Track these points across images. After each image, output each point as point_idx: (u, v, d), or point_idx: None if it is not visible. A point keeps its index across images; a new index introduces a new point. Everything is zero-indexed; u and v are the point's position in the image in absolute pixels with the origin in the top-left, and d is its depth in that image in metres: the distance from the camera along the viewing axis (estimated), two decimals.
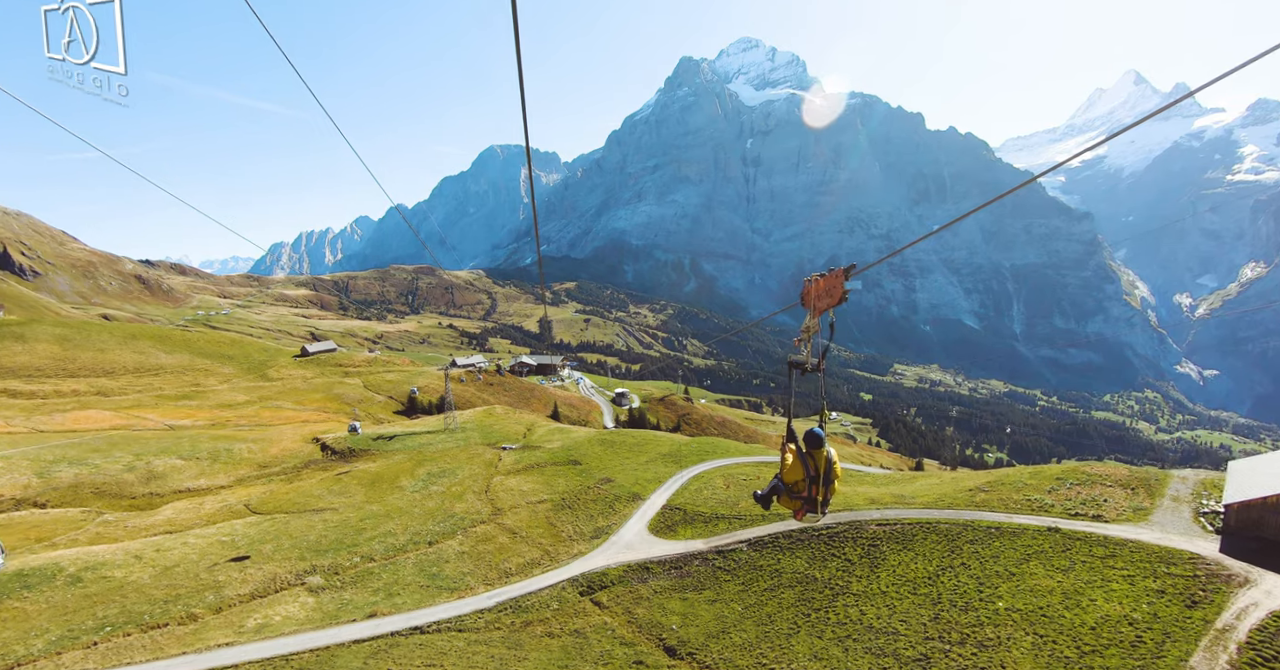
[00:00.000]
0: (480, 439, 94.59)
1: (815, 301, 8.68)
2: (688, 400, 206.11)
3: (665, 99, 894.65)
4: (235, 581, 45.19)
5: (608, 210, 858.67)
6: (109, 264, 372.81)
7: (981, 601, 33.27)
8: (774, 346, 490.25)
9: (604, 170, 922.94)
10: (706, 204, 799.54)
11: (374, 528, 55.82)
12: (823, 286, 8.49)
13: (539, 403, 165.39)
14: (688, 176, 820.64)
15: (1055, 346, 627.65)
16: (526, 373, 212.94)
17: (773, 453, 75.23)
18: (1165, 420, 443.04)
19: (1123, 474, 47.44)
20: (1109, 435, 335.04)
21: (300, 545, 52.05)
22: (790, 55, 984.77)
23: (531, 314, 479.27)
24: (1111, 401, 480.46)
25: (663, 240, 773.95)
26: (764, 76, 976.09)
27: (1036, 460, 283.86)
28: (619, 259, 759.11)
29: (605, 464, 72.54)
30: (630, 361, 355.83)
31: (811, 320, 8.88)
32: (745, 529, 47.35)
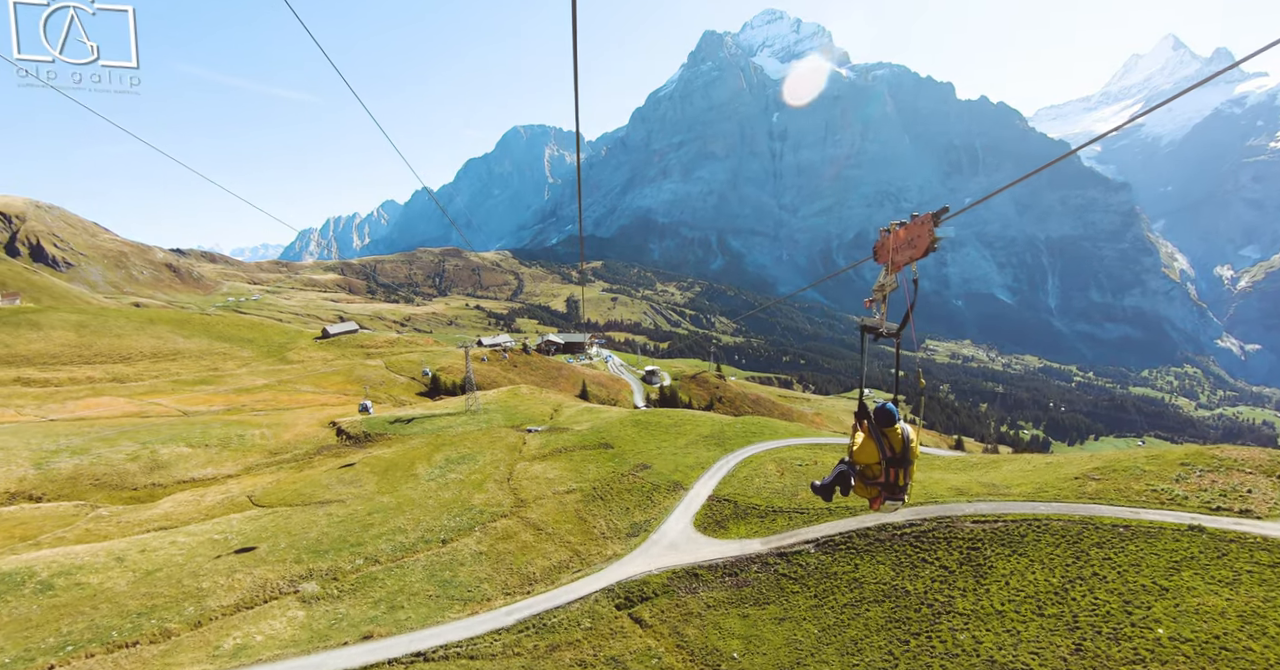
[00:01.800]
0: (503, 421, 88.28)
1: (894, 254, 7.55)
2: (720, 378, 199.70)
3: (689, 74, 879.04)
4: (220, 589, 39.22)
5: (633, 188, 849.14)
6: (140, 254, 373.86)
7: (1134, 628, 25.99)
8: (803, 323, 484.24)
9: (628, 148, 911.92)
10: (732, 180, 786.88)
11: (382, 523, 49.65)
12: (904, 237, 7.39)
13: (566, 382, 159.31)
14: (713, 152, 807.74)
15: (1091, 321, 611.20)
16: (554, 351, 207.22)
17: (826, 433, 67.97)
18: (1205, 396, 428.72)
19: (1263, 459, 39.71)
20: (1148, 411, 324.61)
21: (299, 544, 46.05)
22: (816, 26, 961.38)
23: (558, 294, 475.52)
24: (1150, 377, 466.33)
25: (689, 217, 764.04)
26: (789, 49, 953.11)
27: (1074, 438, 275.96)
28: (645, 237, 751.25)
29: (640, 447, 65.76)
30: (658, 339, 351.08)
31: (888, 277, 7.73)
32: (809, 525, 40.30)
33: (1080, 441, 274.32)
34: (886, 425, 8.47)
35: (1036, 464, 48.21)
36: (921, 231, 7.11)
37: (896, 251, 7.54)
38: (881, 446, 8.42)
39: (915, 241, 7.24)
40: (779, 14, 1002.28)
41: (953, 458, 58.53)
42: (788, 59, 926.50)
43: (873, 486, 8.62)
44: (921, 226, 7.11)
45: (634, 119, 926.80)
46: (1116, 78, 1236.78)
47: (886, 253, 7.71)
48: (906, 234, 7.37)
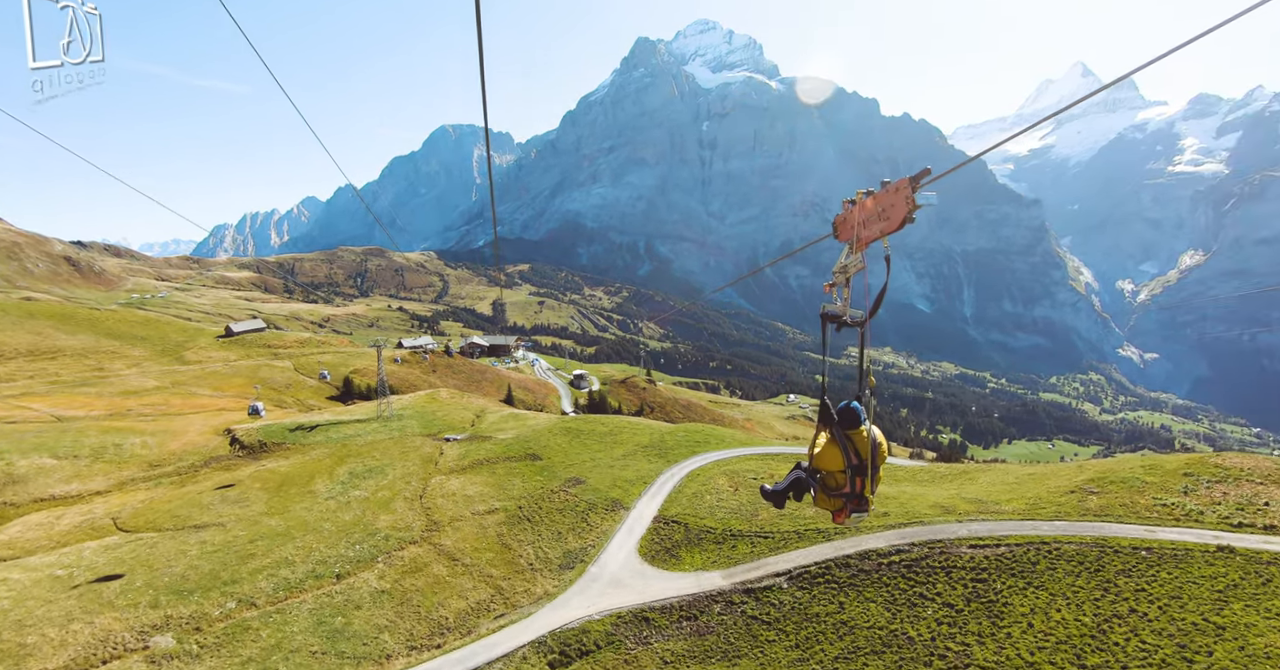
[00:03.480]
0: (419, 428, 79.50)
1: (860, 229, 6.63)
2: (651, 382, 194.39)
3: (621, 80, 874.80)
4: (49, 646, 30.40)
5: (562, 192, 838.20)
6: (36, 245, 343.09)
7: None
8: (730, 329, 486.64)
9: (559, 151, 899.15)
10: (662, 186, 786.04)
11: (266, 553, 41.20)
12: (872, 208, 6.43)
13: (491, 386, 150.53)
14: (643, 158, 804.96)
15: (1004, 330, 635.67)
16: (478, 354, 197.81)
17: (777, 442, 62.57)
18: (1109, 401, 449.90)
19: (1270, 468, 36.40)
20: (1057, 416, 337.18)
21: (159, 582, 37.29)
22: (747, 38, 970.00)
23: (484, 297, 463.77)
24: (1058, 383, 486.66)
25: (618, 222, 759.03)
26: (720, 59, 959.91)
27: (989, 441, 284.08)
28: (573, 241, 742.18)
29: (572, 459, 58.82)
30: (585, 344, 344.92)
31: (852, 255, 6.88)
32: (776, 553, 34.32)
33: (995, 445, 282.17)
34: (851, 427, 7.45)
35: (1018, 475, 43.76)
36: (896, 199, 6.07)
37: (864, 225, 6.52)
38: (846, 451, 7.40)
39: (888, 212, 6.20)
40: (712, 24, 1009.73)
41: (916, 468, 53.84)
42: (719, 69, 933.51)
43: (836, 497, 7.56)
44: (896, 193, 6.06)
45: (565, 122, 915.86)
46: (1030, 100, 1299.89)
47: (851, 227, 6.71)
48: (876, 204, 6.33)
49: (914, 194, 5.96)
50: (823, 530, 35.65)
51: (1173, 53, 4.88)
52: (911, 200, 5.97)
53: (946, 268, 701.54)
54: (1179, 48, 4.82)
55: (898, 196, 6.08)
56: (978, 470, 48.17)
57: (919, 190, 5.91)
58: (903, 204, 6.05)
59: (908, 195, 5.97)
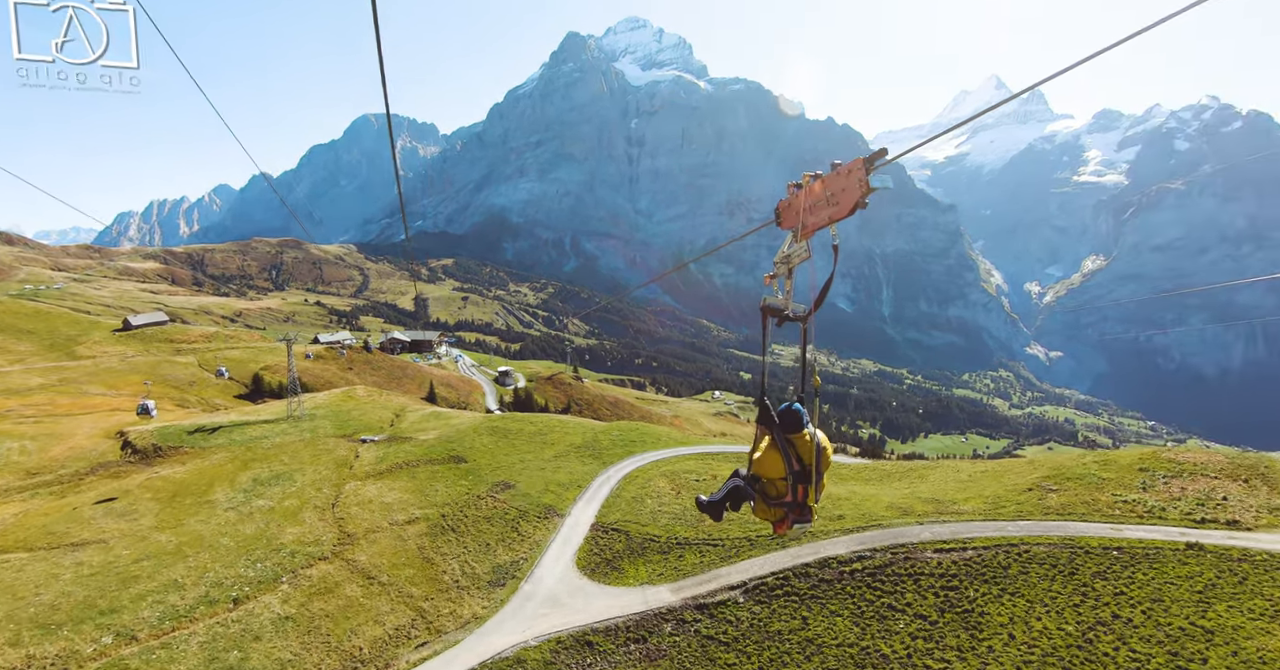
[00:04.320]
0: (333, 429, 73.51)
1: (806, 215, 6.09)
2: (578, 379, 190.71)
3: (550, 74, 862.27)
4: None
5: (488, 186, 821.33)
6: None
7: None
8: (655, 326, 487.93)
9: (485, 144, 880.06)
10: (589, 182, 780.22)
11: (153, 575, 35.83)
12: (820, 192, 5.90)
13: (412, 383, 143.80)
14: (571, 154, 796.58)
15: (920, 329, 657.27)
16: (399, 350, 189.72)
17: (717, 440, 60.09)
18: (1017, 397, 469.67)
19: (1221, 462, 36.00)
20: (970, 411, 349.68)
21: (23, 614, 31.66)
22: (677, 37, 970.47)
23: (407, 291, 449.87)
24: (970, 380, 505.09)
25: (544, 218, 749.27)
26: (650, 57, 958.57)
27: (906, 435, 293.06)
28: (499, 236, 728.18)
29: (499, 461, 54.72)
30: (510, 341, 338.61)
31: (796, 244, 6.33)
32: (728, 562, 31.46)
33: (912, 439, 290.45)
34: (793, 431, 6.79)
35: (969, 473, 42.33)
36: (848, 183, 5.60)
37: (810, 211, 6.01)
38: (788, 457, 6.76)
39: (838, 196, 5.74)
40: (642, 22, 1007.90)
41: (861, 465, 52.09)
42: (649, 67, 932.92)
43: (777, 507, 6.93)
44: (848, 176, 5.58)
45: (492, 115, 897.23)
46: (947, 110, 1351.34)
47: (795, 214, 6.18)
48: (825, 188, 5.85)
49: (868, 176, 5.36)
50: (776, 536, 33.12)
51: (1073, 68, 5.10)
52: (865, 183, 5.38)
53: (867, 268, 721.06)
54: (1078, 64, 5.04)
55: (850, 180, 5.50)
56: (926, 468, 46.73)
57: (874, 172, 5.33)
58: (855, 188, 5.47)
59: (861, 178, 5.40)
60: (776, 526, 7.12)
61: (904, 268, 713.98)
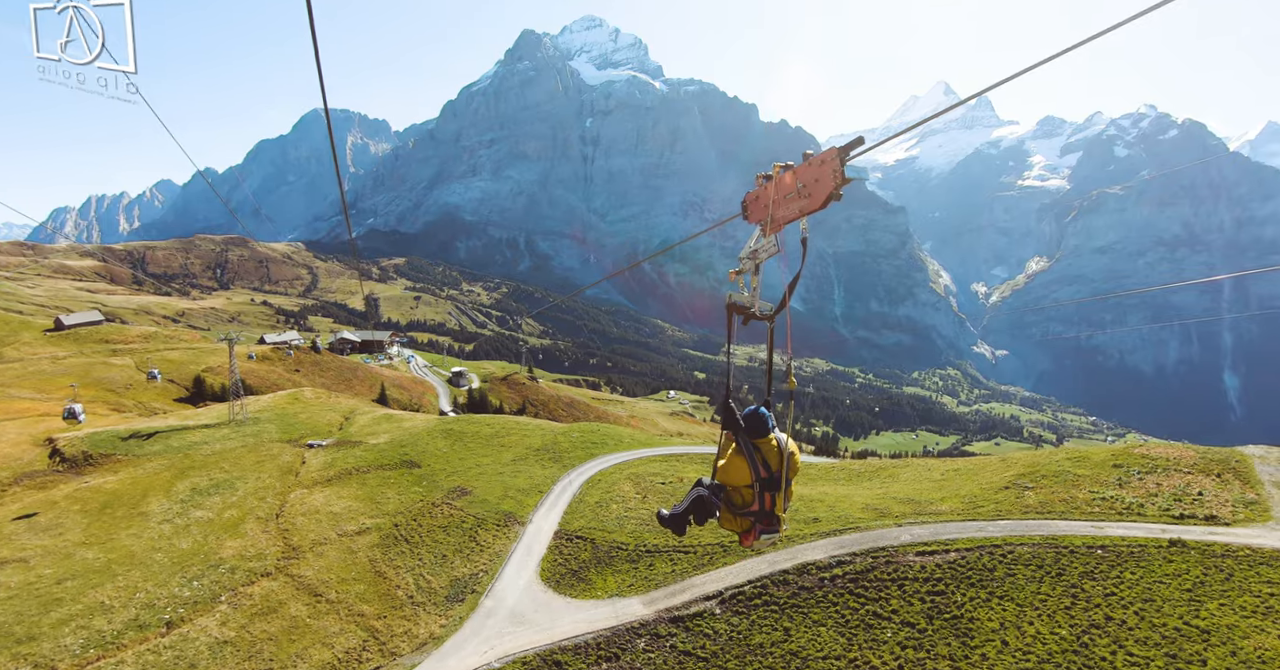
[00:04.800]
0: (278, 434, 69.79)
1: (776, 208, 5.71)
2: (533, 380, 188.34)
3: (505, 72, 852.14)
4: None
5: (441, 184, 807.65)
6: None
7: None
8: (609, 326, 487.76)
9: (438, 141, 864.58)
10: (543, 182, 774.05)
11: (77, 597, 32.67)
12: (791, 183, 5.52)
13: (362, 384, 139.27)
14: (525, 153, 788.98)
15: (871, 328, 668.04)
16: (349, 350, 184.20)
17: (678, 441, 58.62)
18: (965, 394, 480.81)
19: (1192, 457, 36.12)
20: (919, 408, 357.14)
21: None
22: (633, 37, 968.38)
23: (357, 291, 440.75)
24: (920, 378, 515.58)
25: (497, 217, 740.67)
26: (606, 57, 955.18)
27: (859, 433, 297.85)
28: (451, 235, 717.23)
29: (455, 465, 52.25)
30: (464, 341, 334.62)
31: (764, 239, 5.98)
32: (701, 571, 29.85)
33: (864, 436, 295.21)
34: (758, 436, 6.50)
35: (942, 471, 41.61)
36: (821, 173, 5.22)
37: (780, 204, 5.65)
38: (754, 463, 6.41)
39: (810, 188, 5.36)
40: (598, 21, 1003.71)
41: (829, 465, 51.13)
42: (604, 66, 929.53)
43: (743, 516, 6.54)
44: (821, 167, 5.20)
45: (445, 112, 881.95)
46: (897, 114, 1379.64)
47: (764, 207, 5.81)
48: (796, 179, 5.46)
49: (843, 167, 5.02)
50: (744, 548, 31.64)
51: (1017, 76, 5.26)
52: (840, 174, 5.04)
53: (819, 269, 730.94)
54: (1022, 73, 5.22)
55: (823, 170, 5.14)
56: (896, 467, 45.94)
57: (849, 162, 4.99)
58: (829, 178, 5.12)
59: (835, 168, 5.05)
60: (743, 538, 6.67)
61: (855, 268, 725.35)
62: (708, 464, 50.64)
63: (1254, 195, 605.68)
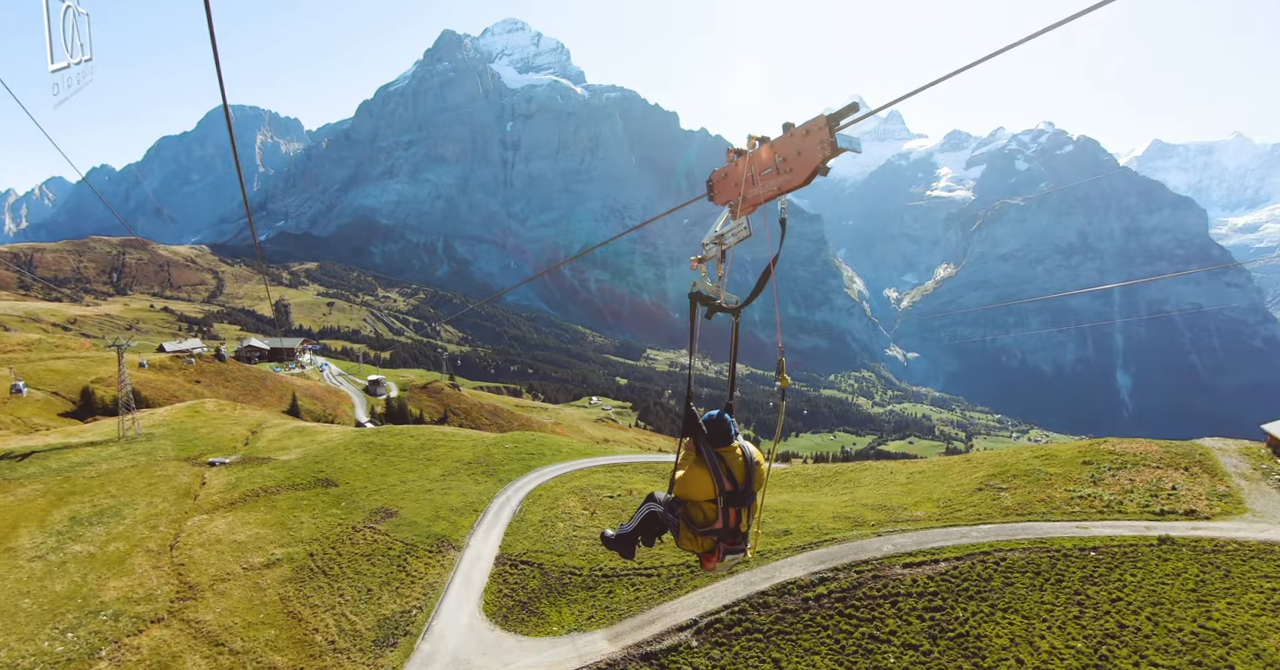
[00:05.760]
0: (175, 451, 62.74)
1: (748, 187, 5.04)
2: (454, 387, 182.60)
3: (423, 72, 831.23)
4: None
5: (356, 186, 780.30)
6: None
7: None
8: (530, 332, 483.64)
9: (353, 142, 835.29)
10: (462, 185, 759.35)
11: None
12: (768, 158, 4.80)
13: (271, 395, 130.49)
14: (444, 155, 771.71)
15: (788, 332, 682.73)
16: (257, 359, 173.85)
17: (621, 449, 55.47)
18: (879, 395, 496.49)
19: (1158, 452, 36.26)
20: (837, 410, 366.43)
21: None
22: (555, 42, 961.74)
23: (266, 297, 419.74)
24: (836, 380, 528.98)
25: (415, 221, 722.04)
26: (528, 60, 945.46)
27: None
28: (366, 239, 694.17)
29: (377, 483, 47.50)
30: (380, 348, 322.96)
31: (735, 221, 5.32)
32: (668, 598, 26.78)
33: (785, 438, 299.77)
34: (722, 444, 5.84)
35: (907, 474, 40.02)
36: (807, 145, 4.53)
37: (754, 182, 4.99)
38: (717, 475, 5.68)
39: (791, 163, 4.68)
40: (520, 24, 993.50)
41: (780, 471, 49.06)
42: (526, 70, 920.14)
43: (705, 535, 5.82)
44: (808, 137, 4.51)
45: (360, 112, 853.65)
46: None
47: (734, 186, 5.14)
48: (775, 153, 4.76)
49: (833, 136, 4.37)
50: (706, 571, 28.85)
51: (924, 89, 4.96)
52: (829, 145, 4.39)
53: (739, 275, 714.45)
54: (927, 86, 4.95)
55: (809, 141, 4.49)
56: (854, 471, 44.18)
57: (838, 130, 4.37)
58: (815, 151, 4.48)
59: (824, 139, 4.40)
60: (705, 559, 5.94)
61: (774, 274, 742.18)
62: (657, 473, 47.74)
63: (1141, 207, 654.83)
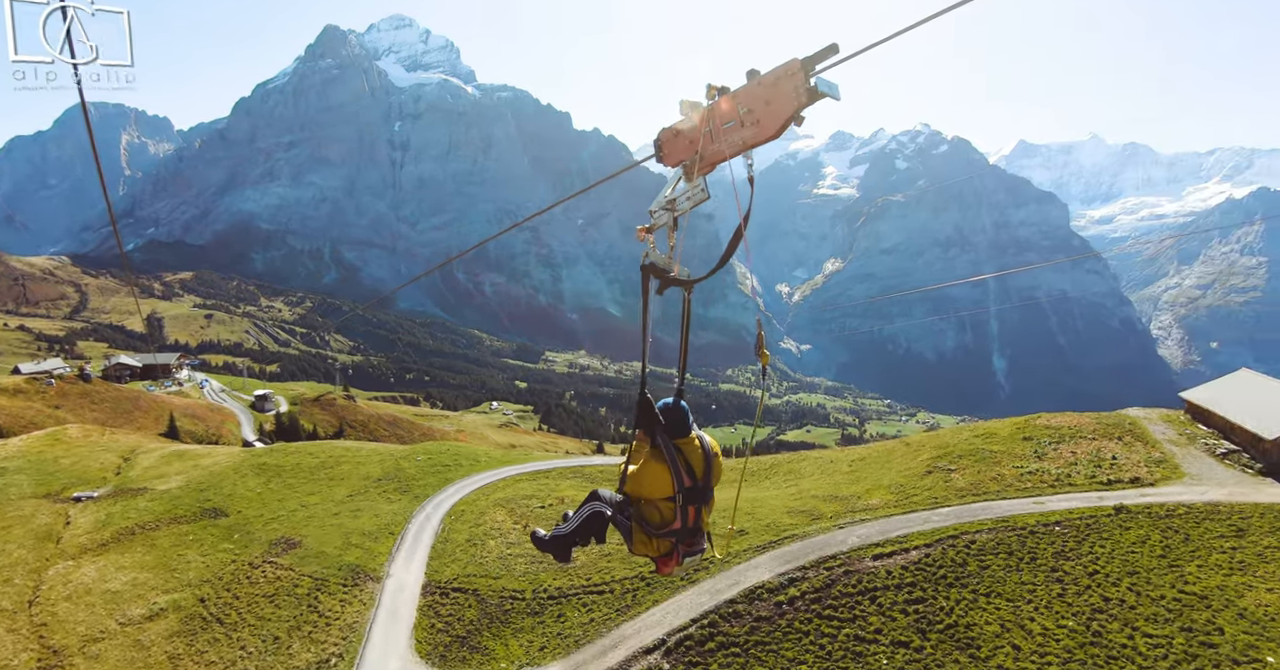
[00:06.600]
0: (31, 487, 54.34)
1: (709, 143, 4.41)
2: (349, 399, 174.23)
3: (305, 69, 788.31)
4: None
5: (233, 189, 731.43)
6: None
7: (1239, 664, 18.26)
8: (425, 339, 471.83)
9: (229, 142, 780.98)
10: (349, 188, 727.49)
11: None
12: (730, 110, 4.17)
13: (146, 417, 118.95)
14: (328, 157, 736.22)
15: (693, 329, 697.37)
16: (129, 377, 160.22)
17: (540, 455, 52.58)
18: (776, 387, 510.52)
19: (1090, 423, 38.30)
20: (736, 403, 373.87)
21: None
22: (444, 39, 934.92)
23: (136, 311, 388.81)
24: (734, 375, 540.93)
25: (298, 226, 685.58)
26: (416, 58, 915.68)
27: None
28: (247, 245, 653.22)
29: (275, 509, 42.48)
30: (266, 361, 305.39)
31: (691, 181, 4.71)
32: (627, 616, 24.42)
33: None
34: (680, 435, 5.42)
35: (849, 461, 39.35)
36: (777, 93, 3.88)
37: (717, 137, 4.34)
38: (676, 470, 5.22)
39: (758, 114, 4.02)
40: (408, 21, 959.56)
41: None
42: (414, 68, 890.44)
43: (662, 537, 5.32)
44: (775, 86, 3.87)
45: (237, 110, 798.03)
46: None
47: (689, 144, 4.52)
48: (738, 104, 4.09)
49: (808, 81, 3.76)
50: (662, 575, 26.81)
51: None
52: (804, 92, 3.78)
53: (634, 273, 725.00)
54: None
55: (778, 89, 3.84)
56: (792, 461, 43.26)
57: (814, 75, 3.72)
58: (787, 99, 3.83)
59: (798, 85, 3.77)
60: (662, 564, 5.43)
61: None
62: (585, 478, 45.23)
63: (1009, 202, 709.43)
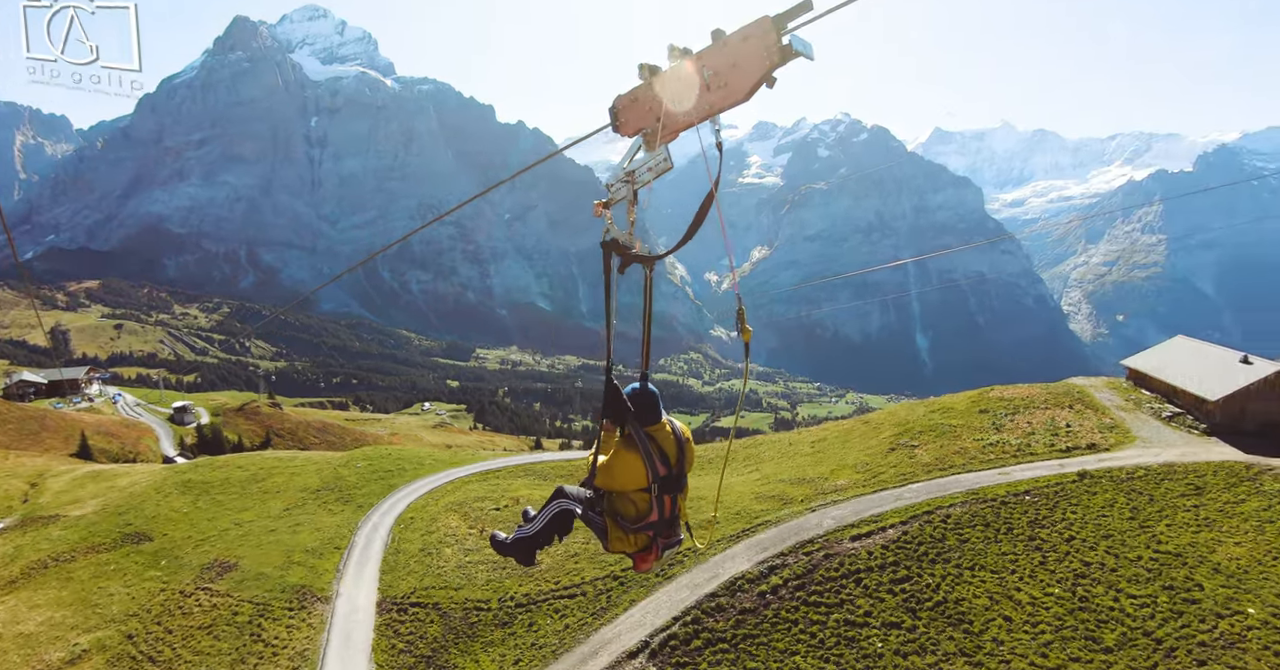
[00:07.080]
0: None
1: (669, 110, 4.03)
2: (275, 407, 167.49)
3: (214, 62, 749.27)
4: None
5: (140, 191, 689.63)
6: None
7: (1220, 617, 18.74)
8: (351, 340, 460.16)
9: (134, 141, 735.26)
10: (265, 187, 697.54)
11: None
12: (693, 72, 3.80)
13: (54, 436, 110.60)
14: (242, 154, 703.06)
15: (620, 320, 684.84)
16: (32, 395, 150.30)
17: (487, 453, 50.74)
18: (708, 375, 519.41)
19: (1040, 394, 40.36)
20: (670, 393, 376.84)
21: None
22: (361, 31, 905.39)
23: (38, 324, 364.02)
24: (666, 364, 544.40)
25: (212, 228, 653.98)
26: (332, 51, 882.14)
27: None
28: (157, 251, 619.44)
29: (204, 529, 38.73)
30: (182, 371, 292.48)
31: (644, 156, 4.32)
32: (604, 620, 23.17)
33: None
34: (651, 422, 5.00)
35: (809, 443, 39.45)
36: (743, 54, 3.53)
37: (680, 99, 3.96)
38: (649, 459, 4.82)
39: (725, 76, 3.67)
40: (322, 12, 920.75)
41: None
42: (330, 61, 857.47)
43: (639, 531, 4.96)
44: (744, 44, 3.51)
45: (142, 107, 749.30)
46: None
47: (648, 110, 4.06)
48: (703, 65, 3.73)
49: (780, 39, 3.35)
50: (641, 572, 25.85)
51: None
52: (775, 51, 3.39)
53: (563, 267, 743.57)
54: None
55: (747, 48, 3.47)
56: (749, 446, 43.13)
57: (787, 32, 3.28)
58: (758, 59, 3.46)
59: (770, 44, 3.38)
60: (640, 560, 5.15)
61: (597, 265, 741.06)
62: (537, 475, 43.72)
63: (927, 188, 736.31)
